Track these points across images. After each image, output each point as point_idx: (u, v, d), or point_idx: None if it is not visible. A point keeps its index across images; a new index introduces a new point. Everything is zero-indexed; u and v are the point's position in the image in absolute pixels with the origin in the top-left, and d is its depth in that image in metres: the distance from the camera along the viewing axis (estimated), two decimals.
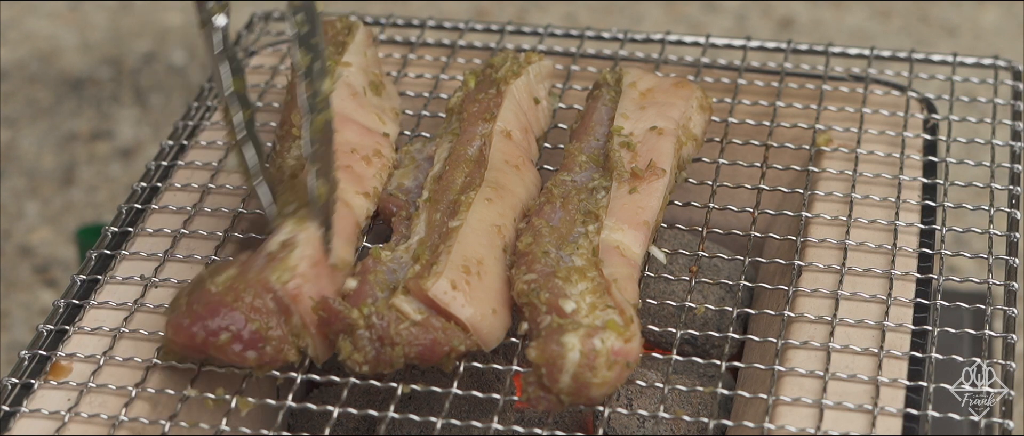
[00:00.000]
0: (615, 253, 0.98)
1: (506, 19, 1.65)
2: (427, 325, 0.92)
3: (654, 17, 2.48)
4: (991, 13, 2.48)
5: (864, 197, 1.09)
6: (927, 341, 0.97)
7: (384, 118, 1.12)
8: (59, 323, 1.01)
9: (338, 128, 1.07)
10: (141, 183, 1.14)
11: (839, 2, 2.51)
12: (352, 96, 1.11)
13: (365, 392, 1.04)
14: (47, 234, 2.12)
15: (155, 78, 2.40)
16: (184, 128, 1.20)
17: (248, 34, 1.31)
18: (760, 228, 1.12)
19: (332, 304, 0.93)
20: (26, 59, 2.44)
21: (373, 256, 0.98)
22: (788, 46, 1.26)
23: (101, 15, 2.53)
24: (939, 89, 1.48)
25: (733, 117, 1.16)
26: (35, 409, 0.94)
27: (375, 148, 1.08)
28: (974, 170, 1.77)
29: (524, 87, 1.12)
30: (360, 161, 1.06)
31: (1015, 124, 1.17)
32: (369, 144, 1.08)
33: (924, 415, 0.92)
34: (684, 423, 1.01)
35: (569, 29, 1.31)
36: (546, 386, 0.90)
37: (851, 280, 1.02)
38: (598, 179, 1.04)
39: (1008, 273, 1.03)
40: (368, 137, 1.09)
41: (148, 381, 0.96)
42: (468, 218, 0.98)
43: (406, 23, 1.32)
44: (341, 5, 1.60)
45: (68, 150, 2.26)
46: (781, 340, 0.97)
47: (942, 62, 1.26)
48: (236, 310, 0.92)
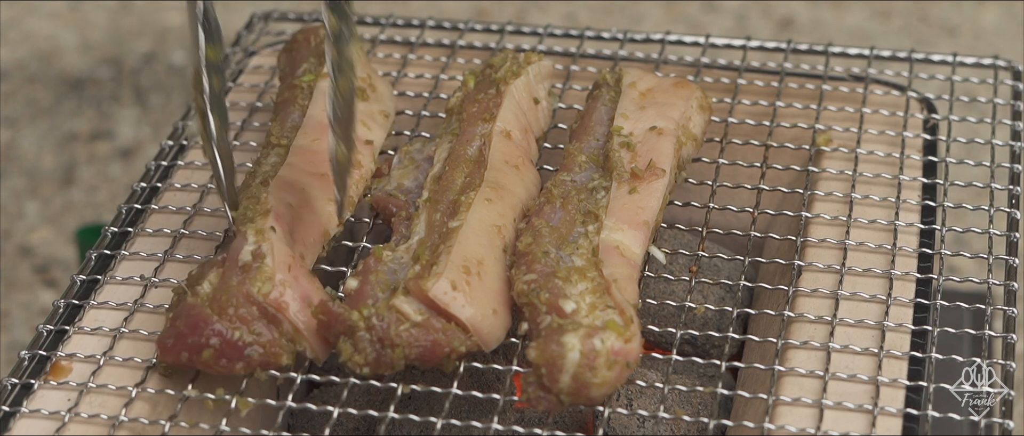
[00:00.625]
0: (615, 253, 0.98)
1: (506, 19, 1.65)
2: (427, 326, 0.92)
3: (654, 17, 2.48)
4: (991, 13, 2.48)
5: (864, 197, 1.09)
6: (927, 341, 0.97)
7: (370, 124, 1.11)
8: (59, 323, 1.01)
9: (318, 137, 1.07)
10: (141, 183, 1.14)
11: (839, 2, 2.51)
12: None
13: (365, 392, 1.04)
14: (47, 234, 2.12)
15: (155, 78, 2.40)
16: (184, 128, 1.20)
17: (248, 34, 1.31)
18: (760, 228, 1.12)
19: (332, 307, 0.93)
20: (26, 59, 2.44)
21: (374, 256, 0.98)
22: (788, 46, 1.26)
23: (101, 15, 2.53)
24: (939, 89, 1.49)
25: (733, 117, 1.16)
26: (35, 409, 0.94)
27: (355, 158, 1.08)
28: (974, 170, 1.77)
29: (524, 87, 1.12)
30: None
31: (1015, 124, 1.17)
32: None
33: (924, 415, 0.92)
34: (684, 423, 1.01)
35: (569, 29, 1.31)
36: (546, 386, 0.90)
37: (851, 280, 1.02)
38: (598, 179, 1.04)
39: (1008, 273, 1.03)
40: None
41: (148, 381, 0.96)
42: (468, 218, 0.98)
43: (406, 23, 1.32)
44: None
45: (68, 150, 2.26)
46: (781, 340, 0.97)
47: (942, 62, 1.26)
48: (218, 323, 0.92)
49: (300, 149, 1.06)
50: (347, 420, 1.03)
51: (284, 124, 1.10)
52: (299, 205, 1.01)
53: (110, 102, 2.35)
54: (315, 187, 1.04)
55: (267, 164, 1.06)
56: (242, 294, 0.93)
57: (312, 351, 0.95)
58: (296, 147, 1.06)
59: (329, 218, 1.03)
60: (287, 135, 1.08)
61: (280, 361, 0.93)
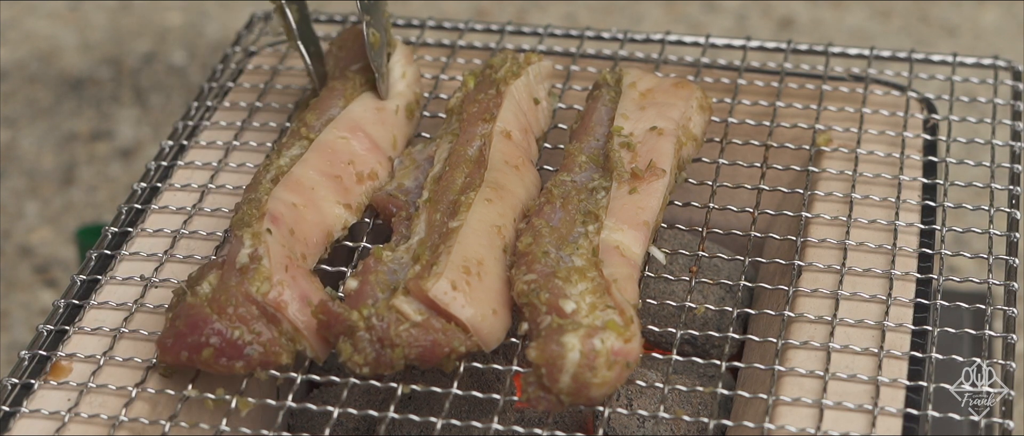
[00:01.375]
0: (615, 253, 0.98)
1: (506, 19, 1.65)
2: (427, 326, 0.92)
3: (654, 17, 2.48)
4: (991, 13, 2.48)
5: (864, 197, 1.09)
6: (927, 341, 0.97)
7: (400, 142, 1.12)
8: (59, 323, 1.01)
9: (346, 134, 1.07)
10: (141, 183, 1.14)
11: (839, 2, 2.51)
12: (376, 109, 1.11)
13: (365, 392, 1.04)
14: (47, 234, 2.12)
15: (155, 78, 2.40)
16: (184, 128, 1.20)
17: (248, 34, 1.31)
18: (760, 228, 1.12)
19: (331, 307, 0.93)
20: (26, 59, 2.44)
21: (374, 256, 0.98)
22: (788, 46, 1.26)
23: (101, 15, 2.53)
24: (939, 89, 1.49)
25: (733, 117, 1.16)
26: (35, 409, 0.94)
27: (373, 168, 1.08)
28: (974, 170, 1.77)
29: (524, 87, 1.12)
30: (352, 176, 1.06)
31: (1015, 124, 1.17)
32: (370, 162, 1.08)
33: (924, 415, 0.92)
34: (684, 423, 1.01)
35: (569, 29, 1.31)
36: (546, 386, 0.90)
37: (851, 280, 1.02)
38: (598, 179, 1.04)
39: (1008, 273, 1.03)
40: (372, 154, 1.08)
41: (148, 381, 0.96)
42: (468, 218, 0.98)
43: (406, 23, 1.32)
44: (341, 6, 1.59)
45: (68, 150, 2.26)
46: (781, 340, 0.97)
47: (942, 62, 1.26)
48: (217, 322, 0.92)
49: (322, 145, 1.06)
50: (347, 420, 1.03)
51: (321, 115, 1.10)
52: (304, 205, 1.02)
53: (110, 102, 2.35)
54: (325, 188, 1.04)
55: (286, 157, 1.06)
56: (241, 293, 0.93)
57: (312, 351, 0.95)
58: (319, 142, 1.06)
59: (334, 220, 1.04)
60: (319, 128, 1.08)
61: (280, 360, 0.93)
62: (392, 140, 1.11)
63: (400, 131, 1.12)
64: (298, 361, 0.96)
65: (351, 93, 1.12)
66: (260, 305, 0.93)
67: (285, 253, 0.97)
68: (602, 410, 0.93)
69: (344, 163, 1.06)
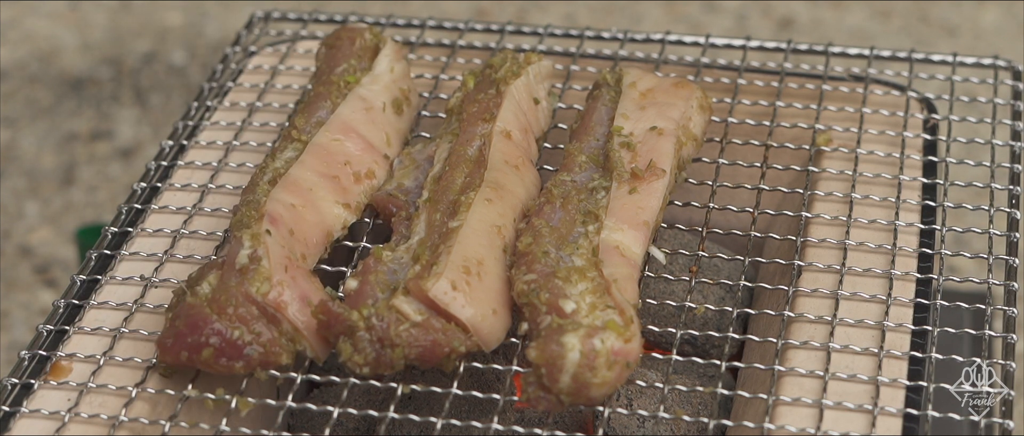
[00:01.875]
0: (615, 253, 0.98)
1: (506, 19, 1.65)
2: (427, 326, 0.92)
3: (654, 17, 2.48)
4: (991, 13, 2.48)
5: (864, 197, 1.09)
6: (927, 341, 0.97)
7: (393, 139, 1.12)
8: (59, 323, 1.01)
9: (338, 136, 1.07)
10: (141, 183, 1.14)
11: (839, 2, 2.51)
12: (365, 110, 1.11)
13: (365, 392, 1.04)
14: (47, 234, 2.12)
15: (155, 78, 2.40)
16: (184, 128, 1.20)
17: (248, 34, 1.31)
18: (760, 228, 1.12)
19: (331, 307, 0.93)
20: (26, 59, 2.44)
21: (374, 256, 0.98)
22: (788, 46, 1.26)
23: (101, 15, 2.53)
24: (939, 89, 1.49)
25: (733, 117, 1.16)
26: (35, 409, 0.94)
27: (370, 167, 1.08)
28: (974, 170, 1.77)
29: (524, 87, 1.12)
30: (350, 176, 1.06)
31: (1015, 124, 1.17)
32: (366, 161, 1.08)
33: (924, 415, 0.92)
34: (684, 423, 1.01)
35: (569, 29, 1.31)
36: (546, 386, 0.90)
37: (851, 280, 1.02)
38: (598, 179, 1.04)
39: (1008, 273, 1.03)
40: (368, 154, 1.08)
41: (148, 381, 0.96)
42: (468, 218, 0.98)
43: (406, 23, 1.32)
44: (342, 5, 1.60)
45: (68, 150, 2.26)
46: (781, 340, 0.97)
47: (942, 62, 1.26)
48: (217, 322, 0.92)
49: (317, 147, 1.06)
50: (347, 420, 1.03)
51: (310, 118, 1.10)
52: (303, 206, 1.02)
53: (110, 102, 2.35)
54: (323, 188, 1.04)
55: (281, 159, 1.06)
56: (241, 294, 0.93)
57: (312, 350, 0.95)
58: (314, 145, 1.06)
59: (334, 220, 1.04)
60: (309, 130, 1.08)
61: (280, 360, 0.93)
62: (385, 138, 1.11)
63: (391, 128, 1.12)
64: (298, 361, 0.96)
65: (336, 98, 1.11)
66: (260, 305, 0.93)
67: (285, 253, 0.97)
68: (602, 410, 0.93)
69: (340, 164, 1.06)
